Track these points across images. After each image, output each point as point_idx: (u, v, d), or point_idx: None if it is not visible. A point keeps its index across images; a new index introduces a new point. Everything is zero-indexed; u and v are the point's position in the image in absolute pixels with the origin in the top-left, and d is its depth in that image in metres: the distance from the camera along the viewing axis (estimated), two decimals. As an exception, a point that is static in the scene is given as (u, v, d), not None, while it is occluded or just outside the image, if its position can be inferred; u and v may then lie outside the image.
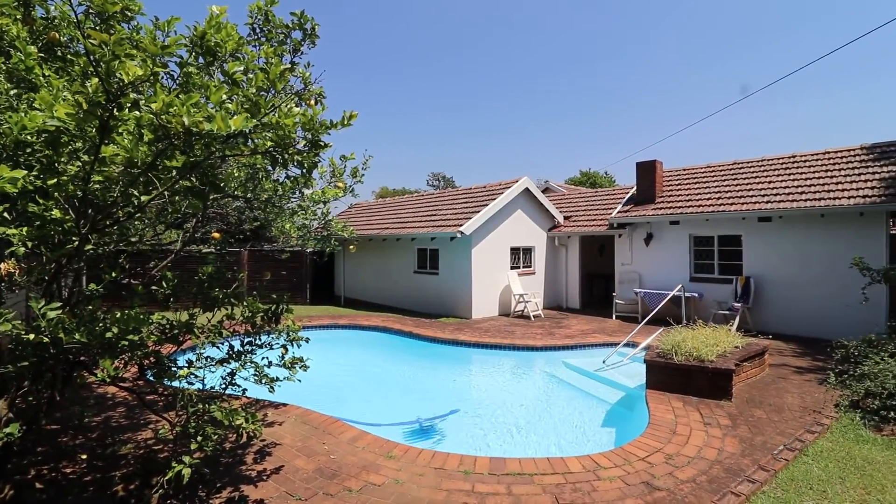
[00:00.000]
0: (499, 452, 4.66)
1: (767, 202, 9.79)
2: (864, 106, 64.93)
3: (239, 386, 3.36)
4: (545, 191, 19.78)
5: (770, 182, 10.68)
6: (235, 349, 3.28)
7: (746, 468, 3.61)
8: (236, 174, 4.13)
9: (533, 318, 11.47)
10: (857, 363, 5.61)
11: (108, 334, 2.41)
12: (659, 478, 3.47)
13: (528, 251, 13.32)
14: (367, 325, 10.59)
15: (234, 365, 3.28)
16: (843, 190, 9.20)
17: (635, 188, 12.95)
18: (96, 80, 1.93)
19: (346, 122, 2.84)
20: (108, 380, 2.48)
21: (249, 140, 2.63)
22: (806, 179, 10.19)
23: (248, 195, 4.36)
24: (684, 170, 13.39)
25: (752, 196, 10.32)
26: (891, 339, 5.97)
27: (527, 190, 13.10)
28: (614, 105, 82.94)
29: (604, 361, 7.31)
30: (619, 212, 12.35)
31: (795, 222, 9.54)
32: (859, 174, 9.55)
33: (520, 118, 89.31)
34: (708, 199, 11.03)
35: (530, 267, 13.32)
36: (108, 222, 2.71)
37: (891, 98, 61.96)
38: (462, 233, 10.98)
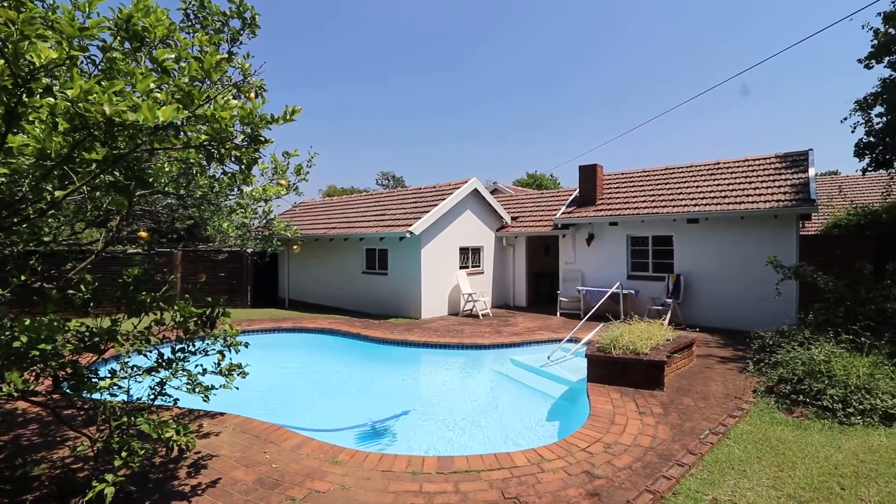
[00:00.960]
0: (448, 451, 4.68)
1: (695, 205, 10.55)
2: (781, 116, 71.88)
3: (170, 396, 3.14)
4: (494, 192, 20.17)
5: (698, 186, 11.52)
6: (165, 357, 3.06)
7: (676, 453, 3.87)
8: (167, 169, 3.86)
9: (482, 317, 11.66)
10: (772, 352, 6.19)
11: (16, 343, 2.17)
12: (598, 466, 3.63)
13: (476, 251, 13.52)
14: (312, 327, 10.27)
15: (163, 374, 3.06)
16: (760, 195, 10.10)
17: (578, 190, 13.51)
18: (2, 62, 1.73)
19: (288, 118, 2.74)
20: (16, 394, 2.23)
21: (182, 133, 2.47)
22: (729, 184, 11.09)
23: (181, 192, 4.09)
24: (622, 174, 14.14)
25: (682, 199, 11.09)
26: (800, 329, 6.62)
27: (475, 191, 13.28)
28: (561, 111, 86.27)
29: (548, 357, 7.56)
30: (562, 213, 12.83)
31: (719, 224, 10.35)
32: (774, 180, 10.53)
33: (471, 124, 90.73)
34: (643, 201, 11.73)
35: (479, 266, 13.52)
36: (15, 220, 2.44)
37: (802, 110, 68.76)
38: (411, 233, 10.94)
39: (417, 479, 3.42)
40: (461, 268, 12.84)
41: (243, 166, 2.77)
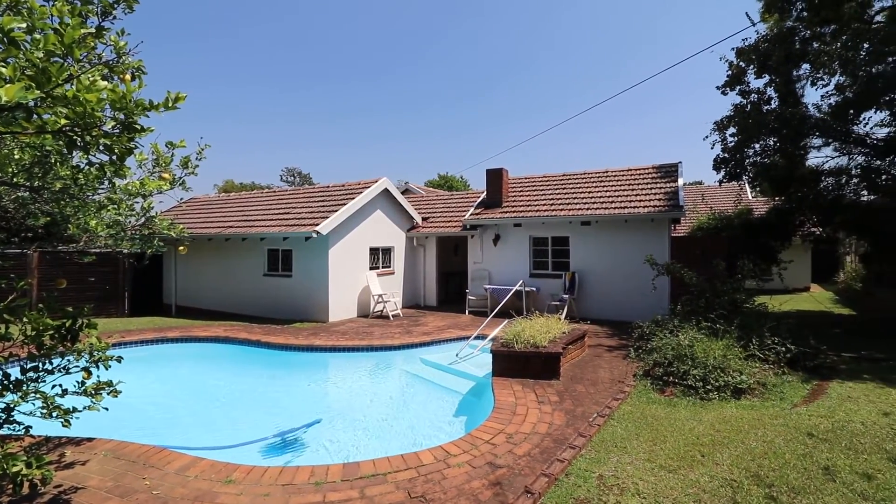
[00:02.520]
0: (359, 456, 4.58)
1: (588, 209, 11.56)
2: (663, 129, 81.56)
3: (20, 423, 2.67)
4: (405, 192, 20.18)
5: (590, 192, 12.64)
6: (13, 378, 2.59)
7: (570, 436, 4.20)
8: (17, 156, 3.27)
9: (392, 318, 11.60)
10: (648, 340, 6.99)
11: None
12: (500, 456, 3.81)
13: (387, 251, 13.42)
14: (204, 336, 9.39)
15: (10, 397, 2.59)
16: (640, 200, 11.37)
17: (485, 193, 14.06)
18: None
19: (170, 105, 2.47)
20: None
21: (35, 115, 2.11)
22: (615, 191, 12.33)
23: (36, 183, 3.49)
24: (526, 178, 15.01)
25: (577, 203, 12.09)
26: (671, 319, 7.57)
27: (386, 190, 13.18)
28: (475, 116, 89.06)
29: (457, 355, 7.76)
30: (471, 214, 13.26)
31: (608, 226, 11.47)
32: (651, 188, 11.93)
33: (386, 125, 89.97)
34: (544, 205, 12.57)
35: (390, 267, 13.44)
36: None
37: (682, 123, 78.48)
38: (318, 232, 10.52)
39: (321, 490, 3.29)
40: (371, 268, 12.65)
41: (115, 156, 2.45)
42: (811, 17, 9.89)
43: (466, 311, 12.38)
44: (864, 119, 9.96)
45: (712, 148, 11.43)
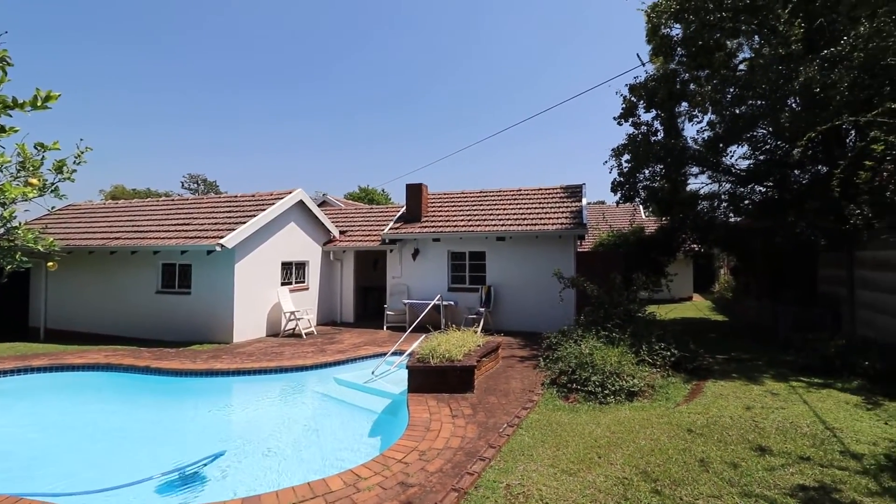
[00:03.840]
0: (266, 487, 4.23)
1: (503, 225, 12.06)
2: (574, 149, 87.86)
3: None
4: (322, 204, 19.56)
5: (505, 209, 13.21)
6: None
7: (481, 448, 4.26)
8: None
9: (305, 336, 11.05)
10: (555, 349, 7.38)
11: None
12: (412, 475, 3.75)
13: (301, 266, 12.82)
14: (80, 363, 8.19)
15: None
16: (549, 218, 12.11)
17: (405, 207, 14.08)
18: None
19: (39, 104, 2.16)
20: None
21: None
22: (528, 209, 13.01)
23: None
24: (445, 194, 15.30)
25: (493, 220, 12.56)
26: (575, 329, 8.08)
27: (301, 202, 12.66)
28: (399, 129, 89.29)
29: (373, 372, 7.57)
30: (390, 228, 13.18)
31: (521, 241, 12.03)
32: (559, 207, 12.77)
33: (307, 135, 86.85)
34: (462, 220, 12.88)
35: (304, 282, 12.84)
36: None
37: (584, 147, 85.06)
38: (223, 245, 9.76)
39: (212, 529, 2.98)
40: (283, 284, 11.99)
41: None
42: (689, 62, 11.39)
43: (385, 327, 12.19)
44: (730, 152, 11.59)
45: (610, 172, 12.57)
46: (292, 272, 12.44)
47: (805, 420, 4.75)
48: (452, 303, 12.03)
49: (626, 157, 12.19)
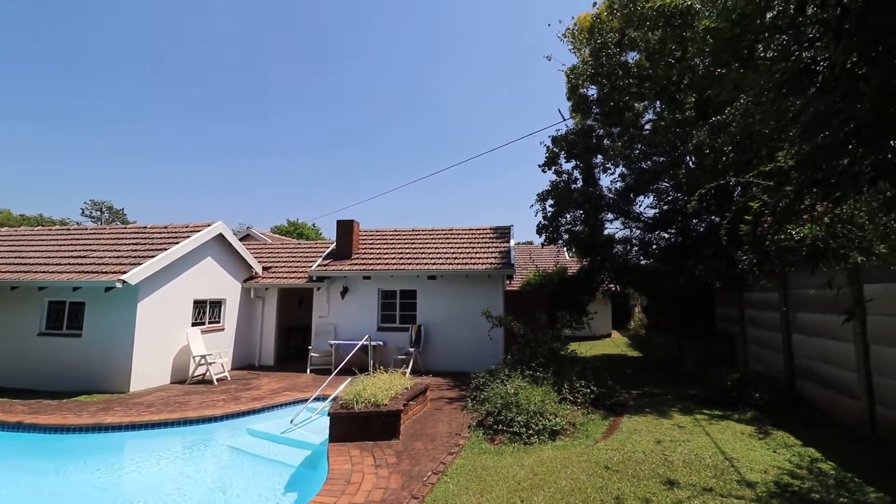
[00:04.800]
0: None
1: (434, 264, 12.14)
2: (509, 191, 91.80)
3: None
4: (245, 238, 18.53)
5: (436, 248, 13.36)
6: None
7: (404, 500, 4.04)
8: None
9: (217, 382, 10.09)
10: (482, 390, 7.37)
11: None
12: (327, 537, 3.44)
13: (217, 304, 11.88)
14: (-73, 421, 6.79)
15: None
16: (479, 257, 12.41)
17: (335, 244, 13.74)
18: None
19: None
20: None
21: None
22: (459, 248, 13.26)
23: None
24: (377, 231, 15.20)
25: (424, 258, 12.61)
26: (502, 369, 8.15)
27: (221, 236, 11.89)
28: (335, 165, 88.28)
29: (291, 421, 7.04)
30: (319, 265, 12.73)
31: (452, 280, 12.15)
32: (489, 247, 13.16)
33: (232, 168, 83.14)
34: (394, 258, 12.80)
35: (219, 322, 11.87)
36: None
37: (515, 189, 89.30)
38: (125, 282, 8.81)
39: None
40: (195, 324, 10.99)
41: None
42: (603, 119, 12.60)
43: (308, 370, 11.51)
44: (639, 202, 12.79)
45: (536, 216, 13.27)
46: (206, 311, 11.47)
47: (708, 451, 5.09)
48: (381, 343, 11.70)
49: (550, 202, 12.99)
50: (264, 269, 13.53)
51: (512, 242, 13.36)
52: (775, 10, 2.63)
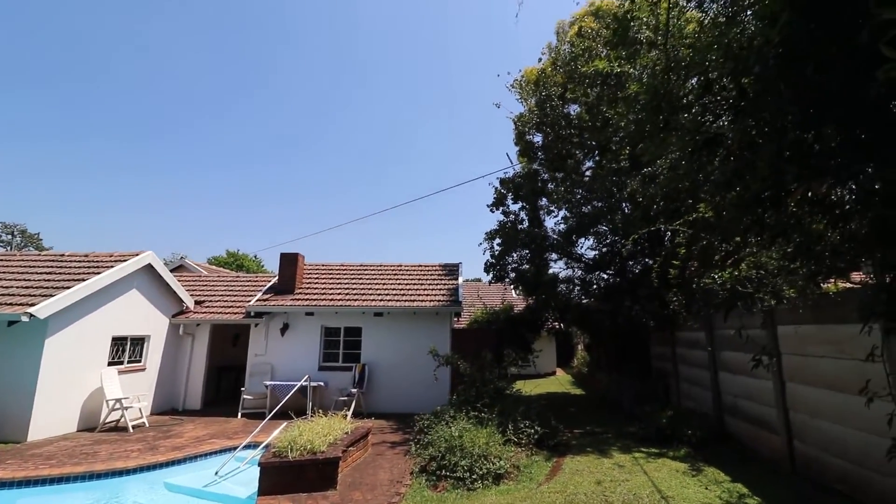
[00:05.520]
0: None
1: (381, 300, 11.91)
2: (452, 228, 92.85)
3: None
4: (178, 269, 17.33)
5: (384, 283, 13.16)
6: None
7: (337, 561, 3.73)
8: None
9: (133, 430, 9.06)
10: (426, 433, 7.14)
11: None
12: None
13: (139, 342, 10.86)
14: None
15: None
16: (427, 294, 12.34)
17: (278, 278, 13.17)
18: None
19: None
20: None
21: None
22: (407, 284, 13.14)
23: None
24: (323, 265, 14.78)
25: (371, 294, 12.35)
26: (448, 410, 7.97)
27: (150, 266, 11.05)
28: (282, 192, 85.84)
29: (216, 473, 6.41)
30: (258, 300, 12.09)
31: (399, 318, 11.93)
32: (437, 284, 13.15)
33: (170, 190, 78.80)
34: (339, 293, 12.42)
35: (140, 361, 10.81)
36: None
37: (466, 227, 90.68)
38: (33, 315, 7.89)
39: None
40: (112, 364, 9.95)
41: None
42: (548, 164, 13.29)
43: (239, 414, 10.64)
44: (580, 243, 13.41)
45: (484, 254, 13.53)
46: (126, 349, 10.43)
47: (645, 490, 5.17)
48: (322, 384, 11.12)
49: (498, 240, 13.33)
50: (197, 303, 12.64)
51: (460, 279, 13.46)
52: (686, 88, 2.99)
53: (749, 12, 2.81)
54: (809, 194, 2.09)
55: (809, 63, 1.85)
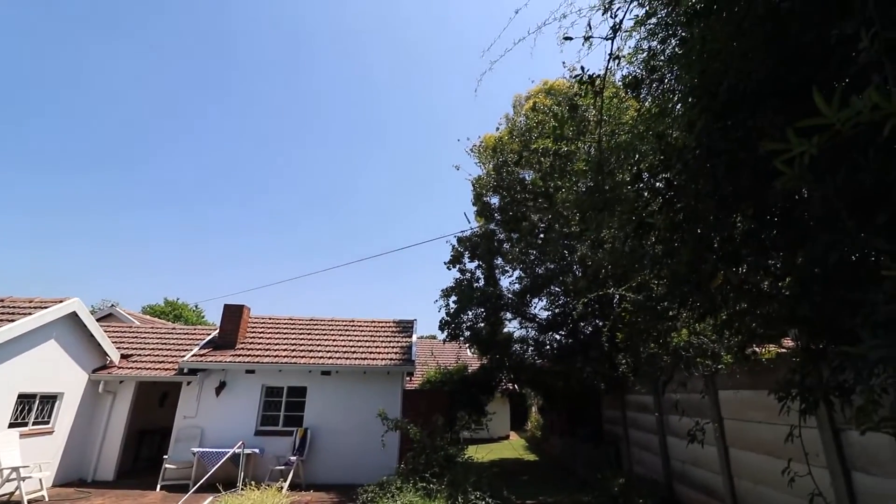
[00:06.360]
0: None
1: (330, 358, 11.36)
2: (414, 288, 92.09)
3: None
4: (107, 318, 15.94)
5: (334, 340, 12.65)
6: None
7: None
8: None
9: (26, 506, 7.81)
10: (371, 507, 6.59)
11: None
12: None
13: (49, 400, 9.65)
14: None
15: None
16: (380, 352, 11.92)
17: (219, 331, 12.37)
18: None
19: None
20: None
21: None
22: (359, 341, 12.69)
23: None
24: (270, 318, 14.09)
25: (320, 351, 11.77)
26: (395, 480, 7.46)
27: (74, 315, 10.09)
28: (222, 241, 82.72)
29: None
30: (194, 354, 11.20)
31: (348, 377, 11.35)
32: (390, 341, 12.79)
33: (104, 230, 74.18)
34: (285, 349, 11.77)
35: (48, 423, 9.55)
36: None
37: (423, 283, 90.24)
38: (-82, 370, 6.88)
39: None
40: (13, 425, 8.71)
41: None
42: (504, 225, 13.74)
43: (158, 486, 9.42)
44: (534, 304, 13.63)
45: (439, 311, 13.43)
46: (33, 408, 9.22)
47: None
48: (257, 451, 10.15)
49: (454, 298, 13.32)
50: (123, 356, 11.55)
51: (414, 337, 13.17)
52: (624, 170, 3.29)
53: (679, 106, 3.13)
54: (728, 279, 2.26)
55: (722, 164, 2.06)
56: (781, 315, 2.17)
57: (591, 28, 3.09)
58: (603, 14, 3.53)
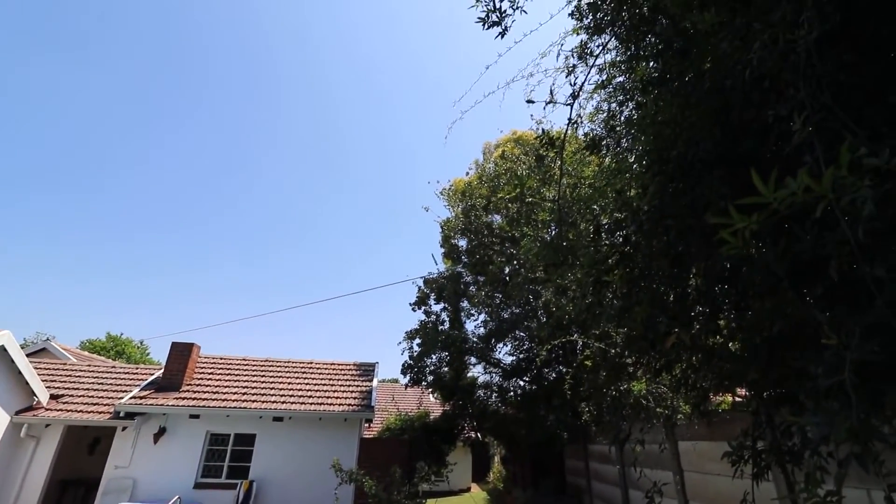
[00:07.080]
0: None
1: (283, 402, 10.72)
2: (373, 325, 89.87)
3: None
4: (39, 352, 14.59)
5: (290, 383, 12.02)
6: None
7: None
8: None
9: None
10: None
11: None
12: None
13: (-41, 447, 8.59)
14: None
15: None
16: (337, 397, 11.38)
17: (164, 371, 11.53)
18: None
19: None
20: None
21: None
22: (316, 384, 12.11)
23: None
24: (221, 358, 13.30)
25: (273, 395, 11.12)
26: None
27: (2, 349, 9.19)
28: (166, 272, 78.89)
29: None
30: (133, 396, 10.32)
31: (302, 423, 10.71)
32: (349, 385, 12.27)
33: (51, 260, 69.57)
34: (235, 393, 11.05)
35: (-48, 475, 8.45)
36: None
37: (387, 325, 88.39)
38: None
39: None
40: None
41: None
42: (471, 268, 13.79)
43: (77, 548, 8.41)
44: (498, 348, 13.52)
45: (402, 354, 13.10)
46: (-65, 458, 8.15)
47: None
48: (196, 505, 9.30)
49: (418, 340, 13.06)
50: (53, 397, 10.51)
51: (375, 381, 12.73)
52: (580, 225, 3.44)
53: (635, 165, 3.28)
54: (681, 338, 2.31)
55: (673, 226, 2.16)
56: (733, 373, 2.21)
57: (552, 94, 3.27)
58: (566, 77, 3.74)
